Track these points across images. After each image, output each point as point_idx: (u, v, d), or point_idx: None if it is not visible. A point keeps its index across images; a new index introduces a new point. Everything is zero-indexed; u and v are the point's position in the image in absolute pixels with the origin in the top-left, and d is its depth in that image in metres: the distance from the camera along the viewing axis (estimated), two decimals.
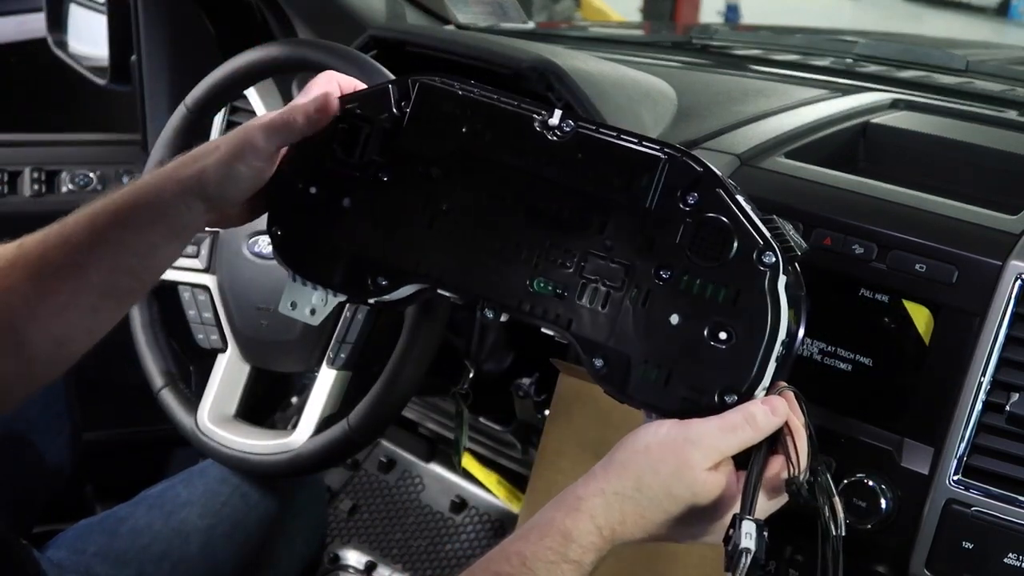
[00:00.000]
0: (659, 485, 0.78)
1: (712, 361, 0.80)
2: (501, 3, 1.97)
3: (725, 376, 0.79)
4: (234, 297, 1.17)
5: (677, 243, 0.82)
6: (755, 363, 0.79)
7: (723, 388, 0.79)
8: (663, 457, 0.78)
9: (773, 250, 0.81)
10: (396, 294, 0.88)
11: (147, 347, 1.23)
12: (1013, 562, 0.92)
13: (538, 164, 0.84)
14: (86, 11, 1.82)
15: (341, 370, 1.11)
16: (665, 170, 0.83)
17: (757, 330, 0.79)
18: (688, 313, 0.80)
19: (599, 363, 0.83)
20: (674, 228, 0.82)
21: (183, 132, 1.17)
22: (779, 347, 0.80)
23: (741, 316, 0.79)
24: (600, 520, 0.78)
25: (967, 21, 9.14)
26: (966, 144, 1.25)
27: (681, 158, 0.83)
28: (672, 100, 1.37)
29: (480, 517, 1.71)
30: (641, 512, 0.78)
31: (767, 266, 0.80)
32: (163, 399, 1.22)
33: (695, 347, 0.80)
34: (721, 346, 0.79)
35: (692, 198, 0.82)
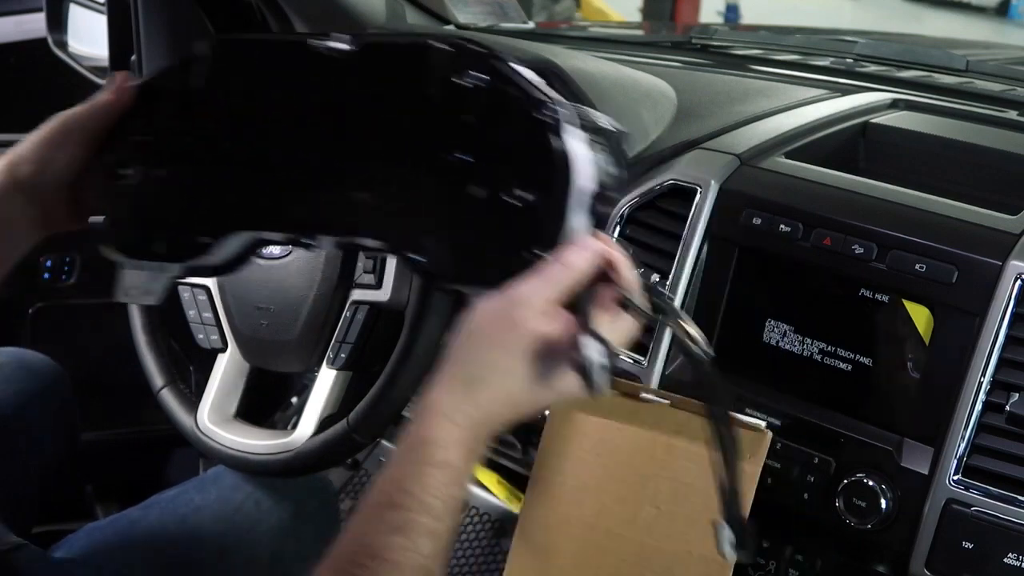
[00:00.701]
0: (499, 355, 0.77)
1: (521, 224, 0.80)
2: (501, 3, 1.98)
3: (536, 235, 0.79)
4: (234, 297, 1.17)
5: (468, 122, 0.82)
6: (559, 214, 0.79)
7: (534, 246, 0.79)
8: (493, 328, 0.78)
9: (554, 107, 0.81)
10: (225, 251, 0.89)
11: (147, 347, 1.23)
12: (1013, 562, 0.92)
13: (330, 85, 0.86)
14: (86, 11, 1.82)
15: (341, 370, 1.11)
16: (443, 57, 0.83)
17: (554, 184, 0.79)
18: (489, 184, 0.81)
19: (419, 258, 0.83)
20: (462, 109, 0.82)
21: None
22: (580, 195, 0.79)
23: (537, 174, 0.80)
24: (452, 414, 0.77)
25: (967, 21, 9.14)
26: (966, 144, 1.25)
27: (458, 42, 0.84)
28: (672, 100, 1.37)
29: (480, 517, 1.71)
30: (491, 388, 0.78)
31: (553, 119, 0.80)
32: (163, 399, 1.22)
33: (501, 216, 0.80)
34: (526, 208, 0.80)
35: (473, 78, 0.82)
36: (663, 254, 1.13)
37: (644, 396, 1.05)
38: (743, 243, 1.09)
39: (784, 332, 1.07)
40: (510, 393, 0.78)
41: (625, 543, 1.03)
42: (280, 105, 0.89)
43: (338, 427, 1.08)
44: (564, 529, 1.07)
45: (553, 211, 0.79)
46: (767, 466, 1.01)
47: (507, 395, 0.78)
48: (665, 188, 1.14)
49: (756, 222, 1.07)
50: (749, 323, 1.09)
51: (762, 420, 1.02)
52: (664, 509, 1.02)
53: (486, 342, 0.78)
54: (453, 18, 1.85)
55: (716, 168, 1.13)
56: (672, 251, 1.12)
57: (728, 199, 1.10)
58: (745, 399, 1.07)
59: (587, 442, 1.07)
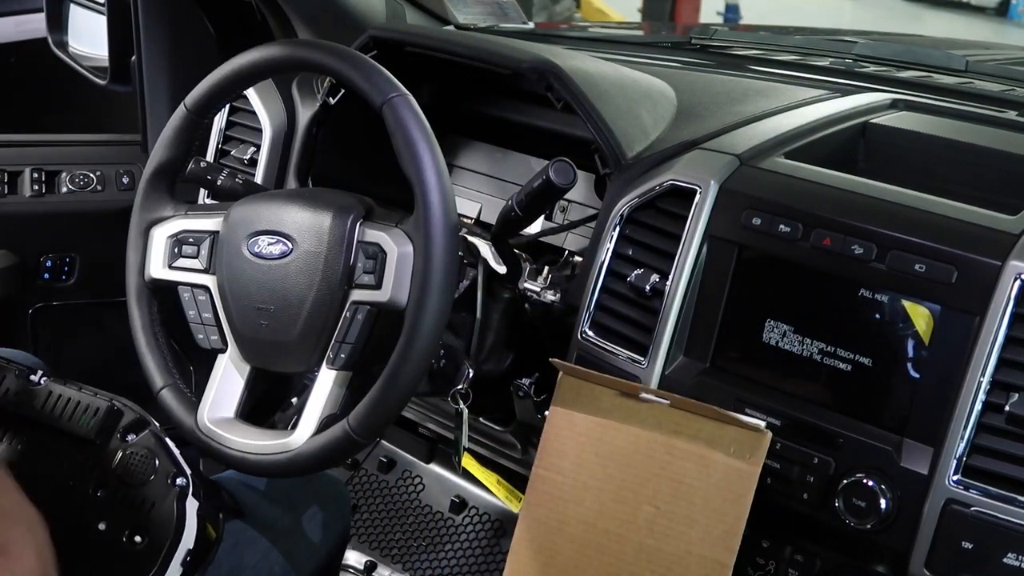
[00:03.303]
0: None
1: (129, 558, 1.04)
2: (501, 3, 1.98)
3: (136, 571, 1.05)
4: (234, 297, 1.17)
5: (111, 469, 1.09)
6: (156, 564, 1.05)
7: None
8: None
9: (185, 475, 1.10)
10: None
11: (147, 347, 1.23)
12: (1012, 562, 0.93)
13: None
14: (86, 11, 1.82)
15: (341, 370, 1.11)
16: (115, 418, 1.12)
17: (162, 537, 1.07)
18: (110, 520, 1.08)
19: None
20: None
21: (183, 132, 1.17)
22: (183, 554, 1.07)
23: (153, 524, 1.07)
24: None
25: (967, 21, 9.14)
26: (966, 144, 1.25)
27: (121, 408, 1.10)
28: (672, 100, 1.37)
29: (480, 517, 1.71)
30: None
31: (178, 486, 1.09)
32: (163, 399, 1.22)
33: (105, 553, 1.05)
34: (136, 547, 1.06)
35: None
36: (663, 254, 1.13)
37: (644, 396, 1.05)
38: (743, 243, 1.09)
39: (784, 332, 1.07)
40: None
41: (625, 543, 1.04)
42: None
43: (338, 427, 1.08)
44: (564, 529, 1.07)
45: (155, 560, 1.05)
46: (767, 466, 1.01)
47: None
48: (665, 188, 1.15)
49: (756, 222, 1.07)
50: (749, 323, 1.09)
51: (762, 420, 1.02)
52: (664, 509, 1.02)
53: None
54: (453, 18, 1.85)
55: (716, 168, 1.13)
56: (672, 251, 1.12)
57: (728, 199, 1.10)
58: (745, 399, 1.07)
59: (587, 442, 1.07)
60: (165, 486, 1.11)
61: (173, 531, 1.09)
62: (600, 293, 1.18)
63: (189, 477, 1.12)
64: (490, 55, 1.30)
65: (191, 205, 1.18)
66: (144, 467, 1.12)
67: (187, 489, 1.11)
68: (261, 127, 1.48)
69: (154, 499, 1.10)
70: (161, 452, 1.13)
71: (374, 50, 1.35)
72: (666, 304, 1.11)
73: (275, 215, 1.11)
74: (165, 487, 1.11)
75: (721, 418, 1.01)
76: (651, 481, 1.03)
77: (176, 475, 1.12)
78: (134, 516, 1.09)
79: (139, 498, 1.10)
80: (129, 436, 1.13)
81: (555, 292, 1.24)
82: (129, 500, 1.10)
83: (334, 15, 1.60)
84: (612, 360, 1.15)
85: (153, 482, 1.11)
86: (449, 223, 1.01)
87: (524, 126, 1.46)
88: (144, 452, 1.13)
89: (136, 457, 1.12)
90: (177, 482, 1.11)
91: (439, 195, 1.00)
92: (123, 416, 1.15)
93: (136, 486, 1.11)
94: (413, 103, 1.03)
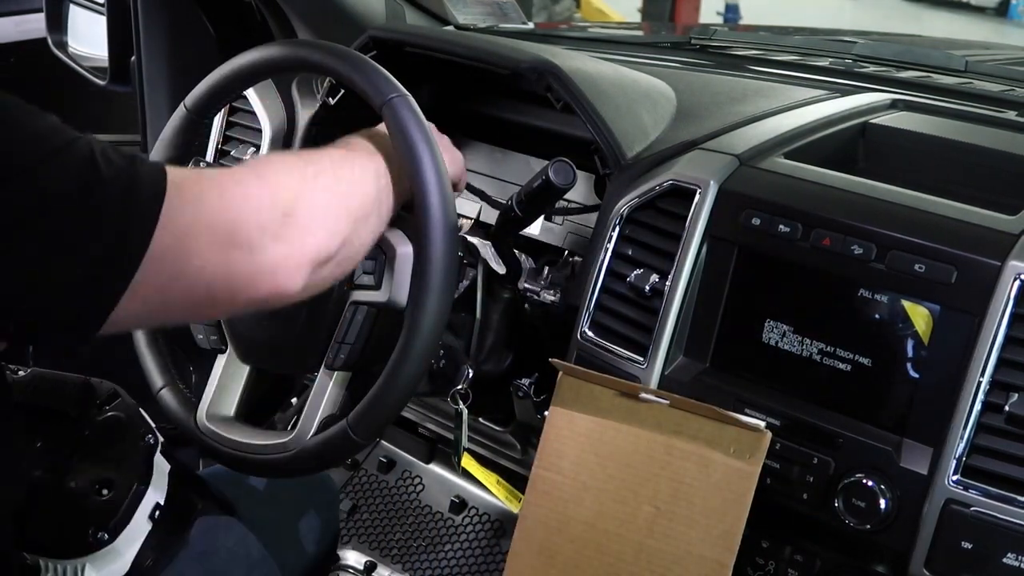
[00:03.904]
0: None
1: (94, 509, 1.08)
2: (501, 4, 1.98)
3: (101, 520, 1.08)
4: None
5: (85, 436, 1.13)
6: (119, 513, 1.09)
7: (97, 529, 1.08)
8: None
9: (154, 434, 1.15)
10: None
11: (146, 347, 1.23)
12: (1012, 562, 0.93)
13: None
14: (86, 11, 1.82)
15: (340, 370, 1.11)
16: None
17: (126, 487, 1.11)
18: (79, 479, 1.10)
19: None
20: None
21: (183, 132, 1.17)
22: (150, 506, 1.12)
23: (120, 477, 1.11)
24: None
25: (967, 21, 9.14)
26: (965, 144, 1.25)
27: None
28: (671, 100, 1.37)
29: (480, 517, 1.71)
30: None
31: (146, 443, 1.15)
32: (163, 399, 1.22)
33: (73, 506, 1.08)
34: (102, 498, 1.09)
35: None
36: (663, 254, 1.13)
37: (644, 396, 1.05)
38: (742, 243, 1.09)
39: (784, 332, 1.07)
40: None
41: (625, 543, 1.04)
42: None
43: (337, 427, 1.08)
44: (564, 529, 1.07)
45: (120, 506, 1.10)
46: (767, 466, 1.01)
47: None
48: (665, 188, 1.14)
49: (755, 222, 1.07)
50: (749, 323, 1.09)
51: (762, 420, 1.02)
52: (664, 509, 1.02)
53: None
54: (453, 19, 1.85)
55: (715, 168, 1.13)
56: (672, 251, 1.12)
57: (727, 199, 1.10)
58: (745, 399, 1.07)
59: (587, 442, 1.07)
60: (135, 445, 1.15)
61: (137, 480, 1.12)
62: (600, 293, 1.18)
63: (158, 435, 1.16)
64: (490, 55, 1.30)
65: None
66: (116, 431, 1.15)
67: (155, 446, 1.15)
68: (261, 127, 1.48)
69: (123, 457, 1.13)
70: (135, 415, 1.17)
71: (374, 50, 1.35)
72: (666, 304, 1.11)
73: None
74: (135, 446, 1.15)
75: (721, 418, 1.01)
76: (651, 481, 1.03)
77: (145, 433, 1.15)
78: (102, 472, 1.12)
79: (110, 457, 1.13)
80: (105, 408, 1.16)
81: (555, 292, 1.24)
82: (100, 460, 1.13)
83: (334, 15, 1.60)
84: (612, 360, 1.15)
85: (124, 441, 1.14)
86: (449, 223, 1.01)
87: (524, 126, 1.46)
88: (118, 417, 1.16)
89: (109, 422, 1.16)
90: (146, 439, 1.15)
91: (439, 196, 1.00)
92: (97, 390, 1.17)
93: (108, 446, 1.14)
94: (413, 104, 1.03)
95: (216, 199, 0.82)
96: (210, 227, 0.80)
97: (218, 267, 0.81)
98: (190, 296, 0.81)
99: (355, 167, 0.99)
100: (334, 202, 0.93)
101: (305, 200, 0.89)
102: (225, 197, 0.83)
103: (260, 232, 0.83)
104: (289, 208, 0.87)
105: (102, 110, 2.14)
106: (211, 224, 0.80)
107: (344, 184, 0.95)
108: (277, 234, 0.85)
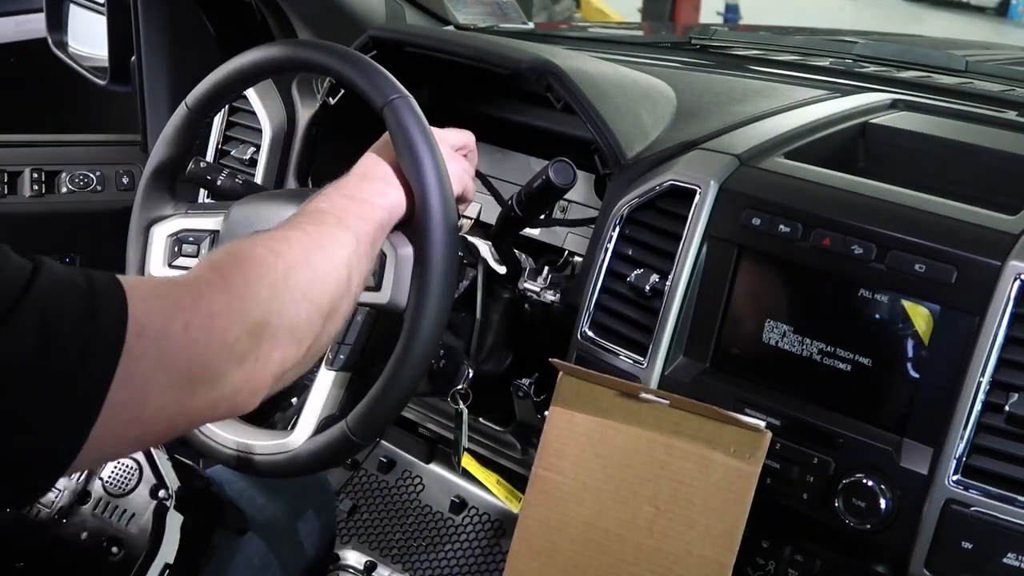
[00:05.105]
0: None
1: (105, 568, 1.07)
2: (501, 4, 1.98)
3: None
4: None
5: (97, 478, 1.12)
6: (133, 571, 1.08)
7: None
8: None
9: (167, 488, 1.12)
10: None
11: None
12: (1012, 562, 0.93)
13: None
14: (86, 11, 1.82)
15: (340, 371, 1.11)
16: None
17: (138, 548, 1.09)
18: (91, 530, 1.10)
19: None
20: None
21: (184, 131, 1.17)
22: (160, 567, 1.09)
23: (131, 536, 1.08)
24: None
25: (967, 21, 9.14)
26: (965, 144, 1.25)
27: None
28: (671, 100, 1.37)
29: (480, 517, 1.71)
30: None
31: (159, 499, 1.12)
32: None
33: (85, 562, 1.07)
34: (113, 558, 1.08)
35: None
36: (663, 254, 1.13)
37: (644, 396, 1.05)
38: (743, 243, 1.09)
39: (784, 332, 1.07)
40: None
41: (625, 543, 1.04)
42: None
43: (337, 428, 1.08)
44: (564, 529, 1.07)
45: (130, 570, 1.08)
46: (767, 466, 1.01)
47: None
48: (665, 188, 1.14)
49: (756, 222, 1.07)
50: (749, 323, 1.09)
51: (762, 420, 1.02)
52: (664, 509, 1.02)
53: None
54: (453, 19, 1.85)
55: (715, 168, 1.13)
56: (672, 251, 1.12)
57: (727, 199, 1.10)
58: (745, 399, 1.07)
59: (587, 442, 1.07)
60: (147, 498, 1.11)
61: (149, 543, 1.09)
62: (600, 293, 1.18)
63: (172, 491, 1.12)
64: (490, 55, 1.30)
65: (191, 204, 1.18)
66: (129, 478, 1.12)
67: (168, 502, 1.12)
68: (261, 127, 1.48)
69: (135, 510, 1.11)
70: (147, 464, 1.14)
71: (374, 50, 1.35)
72: (666, 304, 1.11)
73: (275, 215, 1.11)
74: (146, 499, 1.11)
75: (721, 418, 1.01)
76: (651, 481, 1.03)
77: (158, 487, 1.12)
78: (114, 527, 1.10)
79: (121, 509, 1.11)
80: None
81: (555, 292, 1.24)
82: (111, 510, 1.11)
83: (334, 15, 1.60)
84: (612, 360, 1.15)
85: (136, 493, 1.12)
86: (449, 224, 1.01)
87: (524, 126, 1.46)
88: (130, 463, 1.13)
89: (121, 468, 1.12)
90: (159, 494, 1.12)
91: (439, 197, 1.00)
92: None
93: (119, 496, 1.12)
94: (414, 105, 1.03)
95: (179, 333, 0.74)
96: (172, 370, 0.74)
97: (179, 405, 0.75)
98: (150, 433, 0.75)
99: (330, 249, 0.90)
100: (304, 306, 0.85)
101: (276, 311, 0.82)
102: (190, 329, 0.75)
103: (225, 360, 0.77)
104: (258, 324, 0.80)
105: (102, 110, 2.14)
106: (174, 367, 0.74)
107: (318, 275, 0.87)
108: (242, 356, 0.78)
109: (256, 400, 0.82)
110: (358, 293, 0.95)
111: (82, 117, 2.16)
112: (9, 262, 0.68)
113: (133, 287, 0.73)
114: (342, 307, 0.91)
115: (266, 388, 0.82)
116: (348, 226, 0.94)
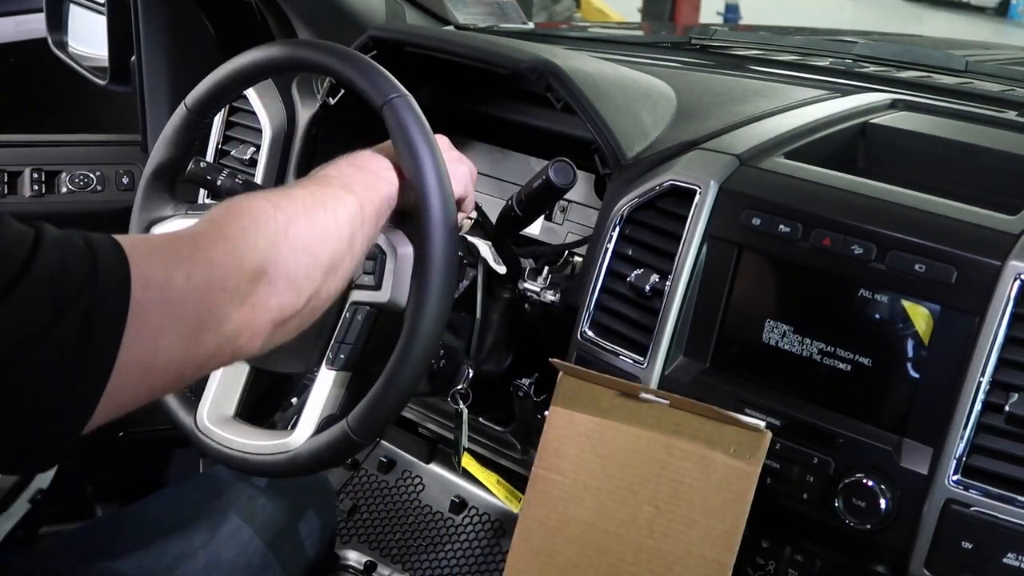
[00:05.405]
0: None
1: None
2: (501, 4, 1.98)
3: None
4: None
5: None
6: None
7: None
8: None
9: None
10: None
11: None
12: (1012, 562, 0.93)
13: None
14: (86, 11, 1.82)
15: (341, 371, 1.11)
16: None
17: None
18: None
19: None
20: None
21: (184, 131, 1.17)
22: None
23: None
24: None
25: (967, 21, 9.14)
26: (965, 144, 1.25)
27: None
28: (671, 100, 1.37)
29: (480, 517, 1.71)
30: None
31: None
32: (163, 399, 1.22)
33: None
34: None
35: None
36: (663, 254, 1.13)
37: (644, 396, 1.05)
38: (743, 243, 1.09)
39: (784, 332, 1.07)
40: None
41: (625, 543, 1.04)
42: None
43: (337, 428, 1.08)
44: (564, 529, 1.07)
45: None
46: (767, 466, 1.01)
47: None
48: (664, 188, 1.14)
49: (756, 222, 1.08)
50: (749, 323, 1.09)
51: (762, 420, 1.02)
52: (664, 509, 1.02)
53: None
54: (453, 19, 1.85)
55: (715, 168, 1.13)
56: (672, 251, 1.12)
57: (728, 199, 1.10)
58: (745, 399, 1.07)
59: (587, 442, 1.07)
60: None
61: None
62: (600, 293, 1.18)
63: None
64: (489, 55, 1.30)
65: (191, 204, 1.18)
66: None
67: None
68: (261, 127, 1.48)
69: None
70: None
71: (374, 50, 1.35)
72: (666, 304, 1.11)
73: None
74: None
75: (721, 418, 1.01)
76: (651, 481, 1.03)
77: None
78: None
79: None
80: None
81: (555, 292, 1.24)
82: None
83: (334, 15, 1.60)
84: (612, 360, 1.15)
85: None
86: (449, 224, 1.01)
87: (524, 126, 1.46)
88: None
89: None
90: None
91: (439, 196, 1.00)
92: None
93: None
94: (414, 104, 1.03)
95: (183, 283, 0.76)
96: (179, 318, 0.76)
97: (186, 353, 0.77)
98: (160, 382, 0.78)
99: (332, 208, 0.93)
100: (304, 258, 0.88)
101: (273, 260, 0.84)
102: (193, 279, 0.77)
103: (227, 304, 0.80)
104: (256, 271, 0.82)
105: (102, 110, 2.14)
106: (180, 315, 0.76)
107: (318, 231, 0.90)
108: (242, 298, 0.81)
109: (256, 344, 0.85)
110: (362, 255, 0.98)
111: (82, 117, 2.16)
112: (11, 229, 0.72)
113: (133, 244, 0.75)
114: (344, 265, 0.94)
115: (265, 333, 0.85)
116: (353, 191, 0.96)
